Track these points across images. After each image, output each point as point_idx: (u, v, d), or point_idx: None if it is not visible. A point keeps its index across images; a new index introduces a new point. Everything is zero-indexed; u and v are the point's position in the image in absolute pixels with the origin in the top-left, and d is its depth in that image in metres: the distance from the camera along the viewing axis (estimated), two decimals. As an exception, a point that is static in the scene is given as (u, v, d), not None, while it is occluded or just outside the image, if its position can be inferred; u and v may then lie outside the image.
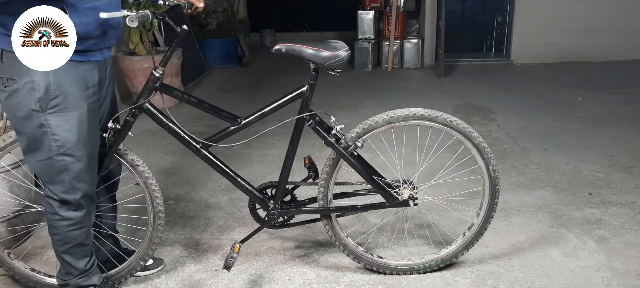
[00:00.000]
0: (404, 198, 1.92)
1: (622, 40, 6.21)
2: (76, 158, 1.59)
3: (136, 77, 4.50)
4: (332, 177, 1.91)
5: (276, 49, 1.73)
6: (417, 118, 1.83)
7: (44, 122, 1.52)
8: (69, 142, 1.56)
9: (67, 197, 1.63)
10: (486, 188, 1.94)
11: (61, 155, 1.57)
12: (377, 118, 1.84)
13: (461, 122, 1.86)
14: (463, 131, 1.85)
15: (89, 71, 1.59)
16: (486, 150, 1.88)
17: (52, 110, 1.52)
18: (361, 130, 1.84)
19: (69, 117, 1.54)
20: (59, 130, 1.54)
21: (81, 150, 1.59)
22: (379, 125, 1.84)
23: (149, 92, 1.76)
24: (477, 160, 1.90)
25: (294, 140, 1.85)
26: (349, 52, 1.75)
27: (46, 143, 1.55)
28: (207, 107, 1.85)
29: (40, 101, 1.49)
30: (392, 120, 1.83)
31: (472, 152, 1.89)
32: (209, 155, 1.87)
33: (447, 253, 2.04)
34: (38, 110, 1.50)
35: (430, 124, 1.85)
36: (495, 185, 1.92)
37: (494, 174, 1.91)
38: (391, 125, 1.85)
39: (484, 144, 1.88)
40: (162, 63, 1.75)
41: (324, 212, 1.96)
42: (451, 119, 1.84)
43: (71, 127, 1.55)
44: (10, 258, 1.97)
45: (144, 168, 1.84)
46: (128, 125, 1.78)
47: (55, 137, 1.54)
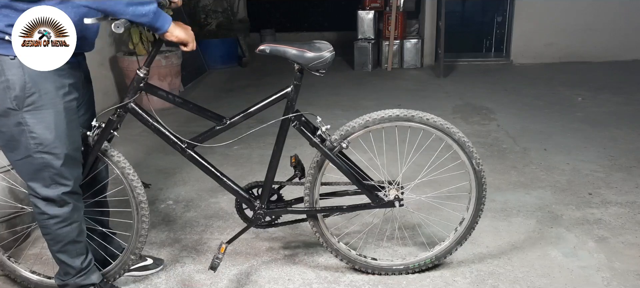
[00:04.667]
0: (390, 199, 1.93)
1: (622, 40, 6.21)
2: (55, 155, 1.59)
3: (136, 77, 4.49)
4: (317, 177, 1.91)
5: (260, 50, 1.72)
6: (393, 119, 1.83)
7: (21, 120, 1.53)
8: (46, 139, 1.56)
9: (49, 194, 1.63)
10: (472, 182, 1.94)
11: (40, 153, 1.57)
12: (354, 123, 1.83)
13: (438, 119, 1.85)
14: (441, 128, 1.85)
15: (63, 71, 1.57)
16: (467, 145, 1.87)
17: (29, 108, 1.52)
18: (338, 136, 1.84)
19: (45, 115, 1.55)
20: (36, 128, 1.54)
21: (59, 148, 1.59)
22: (356, 130, 1.83)
23: (134, 92, 1.75)
24: (460, 155, 1.90)
25: (280, 141, 1.85)
26: (333, 53, 1.73)
27: (24, 141, 1.56)
28: (191, 107, 1.85)
29: (17, 99, 1.50)
30: (369, 124, 1.83)
31: (454, 148, 1.89)
32: (194, 155, 1.87)
33: (441, 250, 2.04)
34: (14, 108, 1.51)
35: (407, 124, 1.85)
36: (481, 177, 1.92)
37: (479, 167, 1.91)
38: (368, 129, 1.84)
39: (464, 139, 1.87)
40: (146, 63, 1.74)
41: (310, 212, 1.96)
42: (428, 117, 1.83)
43: (48, 124, 1.56)
44: (11, 261, 1.97)
45: (119, 158, 1.82)
46: (112, 124, 1.77)
47: (33, 134, 1.55)
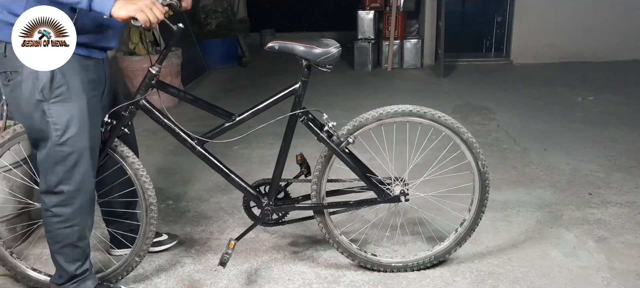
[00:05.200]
0: (396, 194, 1.94)
1: (622, 40, 6.20)
2: (75, 150, 1.61)
3: (136, 76, 4.50)
4: (324, 173, 1.93)
5: (269, 47, 1.75)
6: (406, 114, 1.86)
7: (46, 111, 1.55)
8: (69, 132, 1.58)
9: (59, 188, 1.64)
10: (476, 184, 1.95)
11: (60, 146, 1.59)
12: (367, 115, 1.86)
13: (449, 118, 1.88)
14: (451, 127, 1.87)
15: (90, 66, 1.63)
16: (475, 146, 1.90)
17: (56, 100, 1.54)
18: (351, 127, 1.87)
19: (70, 107, 1.57)
20: (61, 120, 1.56)
21: (80, 143, 1.61)
22: (369, 122, 1.86)
23: (145, 89, 1.78)
24: (466, 155, 1.92)
25: (287, 138, 1.87)
26: (340, 49, 1.77)
27: (48, 133, 1.57)
28: (202, 104, 1.88)
29: (43, 90, 1.52)
30: (382, 117, 1.86)
31: (462, 148, 1.91)
32: (204, 152, 1.89)
33: (440, 250, 2.05)
34: (42, 99, 1.53)
35: (419, 120, 1.88)
36: (485, 179, 1.93)
37: (483, 169, 1.92)
38: (381, 122, 1.87)
39: (472, 140, 1.90)
40: (158, 60, 1.77)
41: (317, 208, 1.97)
42: (439, 115, 1.87)
43: (72, 117, 1.58)
44: (13, 257, 1.97)
45: (134, 160, 1.84)
46: (123, 121, 1.79)
47: (56, 126, 1.56)
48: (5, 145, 1.83)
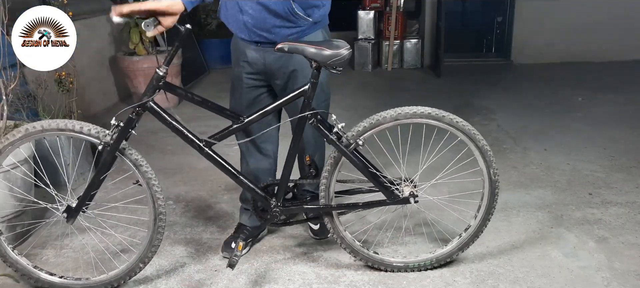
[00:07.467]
0: (405, 196, 1.93)
1: (622, 40, 6.20)
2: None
3: (136, 77, 4.49)
4: (333, 174, 1.92)
5: (279, 48, 1.73)
6: (424, 116, 1.85)
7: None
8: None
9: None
10: (486, 191, 1.95)
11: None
12: (385, 113, 1.85)
13: (466, 124, 1.87)
14: (468, 133, 1.87)
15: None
16: (489, 154, 1.90)
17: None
18: (368, 124, 1.86)
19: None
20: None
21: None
22: (387, 121, 1.85)
23: (152, 91, 1.77)
24: (479, 162, 1.92)
25: (296, 139, 1.87)
26: (350, 50, 1.76)
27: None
28: (210, 106, 1.87)
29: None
30: (400, 117, 1.84)
31: (475, 154, 1.91)
32: (211, 154, 1.87)
33: (442, 253, 2.05)
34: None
35: (436, 124, 1.87)
36: (495, 188, 1.93)
37: (495, 177, 1.92)
38: (398, 122, 1.86)
39: (487, 147, 1.89)
40: (165, 62, 1.76)
41: (326, 209, 1.96)
42: (457, 120, 1.86)
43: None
44: (15, 254, 1.97)
45: (147, 168, 1.84)
46: (131, 122, 1.78)
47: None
48: (17, 143, 1.82)
